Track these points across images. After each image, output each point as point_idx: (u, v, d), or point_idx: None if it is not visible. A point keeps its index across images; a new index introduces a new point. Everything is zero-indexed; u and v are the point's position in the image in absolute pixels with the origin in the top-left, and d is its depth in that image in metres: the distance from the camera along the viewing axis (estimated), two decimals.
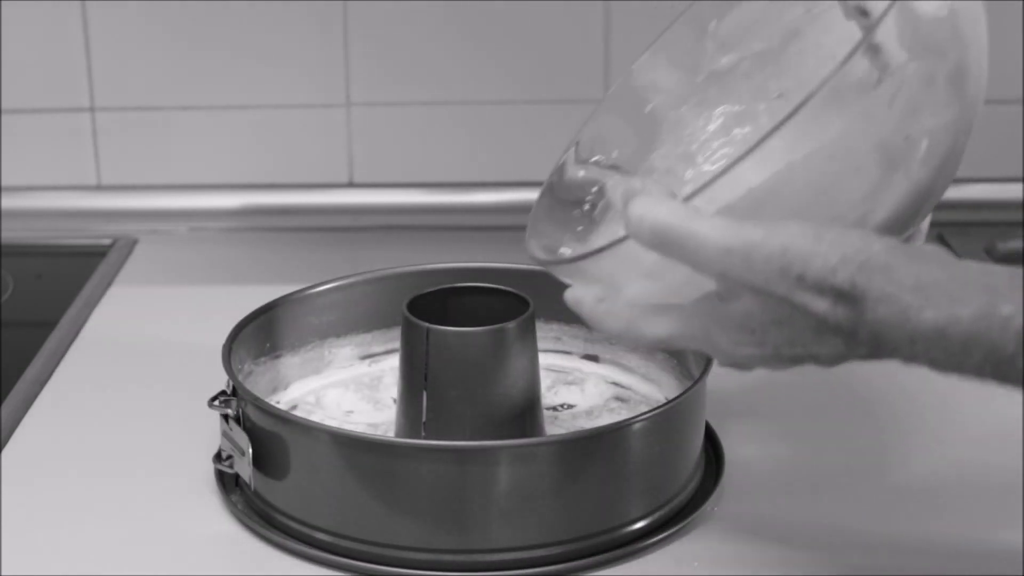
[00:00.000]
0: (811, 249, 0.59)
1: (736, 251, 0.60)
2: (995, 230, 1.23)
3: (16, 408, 0.92)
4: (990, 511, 0.80)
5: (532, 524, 0.73)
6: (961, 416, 0.89)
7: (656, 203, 0.61)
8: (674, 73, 0.81)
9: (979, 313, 0.56)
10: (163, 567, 0.75)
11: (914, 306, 0.57)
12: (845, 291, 0.58)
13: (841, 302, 0.58)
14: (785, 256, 0.59)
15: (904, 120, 0.63)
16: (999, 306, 0.55)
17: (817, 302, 0.59)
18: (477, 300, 0.84)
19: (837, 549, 0.77)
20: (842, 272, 0.58)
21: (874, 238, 0.59)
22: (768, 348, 0.62)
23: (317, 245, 1.24)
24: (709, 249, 0.60)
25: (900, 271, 0.58)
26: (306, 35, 1.24)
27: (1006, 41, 1.23)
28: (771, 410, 0.92)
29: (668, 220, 0.61)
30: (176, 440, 0.87)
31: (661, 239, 0.61)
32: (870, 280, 0.58)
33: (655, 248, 0.62)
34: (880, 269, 0.58)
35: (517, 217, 1.27)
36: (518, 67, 1.25)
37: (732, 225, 0.60)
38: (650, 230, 0.61)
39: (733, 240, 0.60)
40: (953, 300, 0.56)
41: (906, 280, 0.57)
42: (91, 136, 1.27)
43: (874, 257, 0.58)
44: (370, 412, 0.88)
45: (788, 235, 0.59)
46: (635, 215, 0.61)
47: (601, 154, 0.81)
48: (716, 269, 0.61)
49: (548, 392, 0.89)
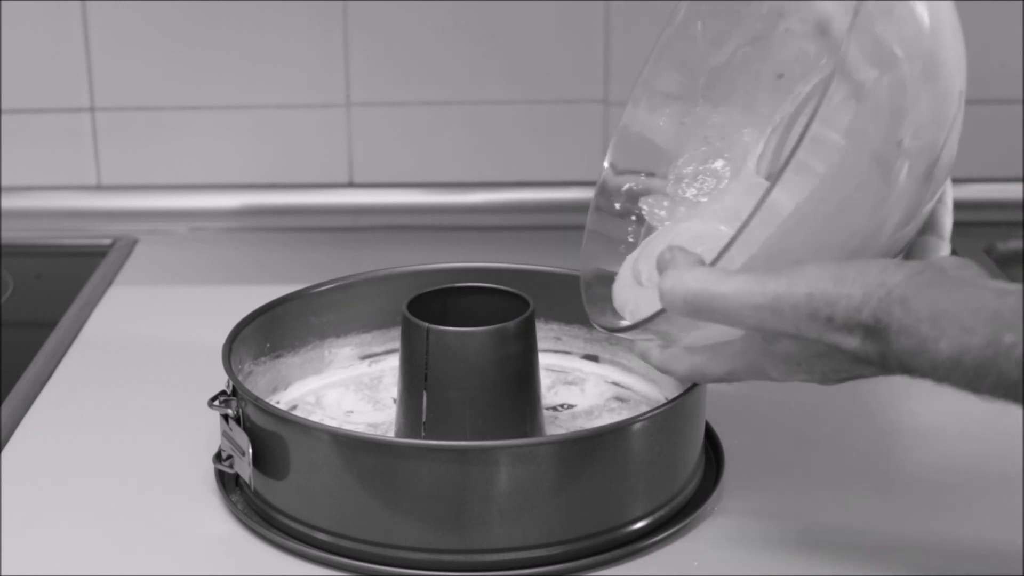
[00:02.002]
0: (835, 292, 0.62)
1: (764, 307, 0.63)
2: (995, 230, 1.23)
3: (16, 408, 0.92)
4: (990, 511, 0.80)
5: (532, 524, 0.73)
6: (961, 416, 0.89)
7: (683, 273, 0.65)
8: (676, 79, 0.83)
9: (986, 342, 0.58)
10: (163, 567, 0.75)
11: (931, 337, 0.59)
12: (871, 326, 0.61)
13: (869, 337, 0.62)
14: (811, 303, 0.62)
15: (892, 127, 0.65)
16: (1003, 335, 0.58)
17: (848, 340, 0.62)
18: (477, 300, 0.84)
19: (837, 549, 0.77)
20: (866, 310, 0.61)
21: (893, 268, 0.62)
22: (816, 375, 0.67)
23: (317, 245, 1.24)
24: (739, 309, 0.64)
25: (917, 301, 0.60)
26: (306, 35, 1.24)
27: (1006, 41, 1.23)
28: (771, 410, 0.92)
29: (696, 289, 0.65)
30: (176, 440, 0.87)
31: (693, 308, 0.65)
32: (890, 314, 0.61)
33: (690, 316, 0.66)
34: (899, 302, 0.60)
35: (517, 217, 1.29)
36: (518, 67, 1.25)
37: (757, 280, 0.64)
38: (682, 301, 0.65)
39: (759, 297, 0.63)
40: (964, 330, 0.59)
41: (922, 311, 0.60)
42: (91, 136, 1.27)
43: (894, 290, 0.61)
44: (370, 412, 0.88)
45: (810, 281, 0.63)
46: (666, 290, 0.65)
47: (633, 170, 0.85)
48: (750, 325, 0.65)
49: (548, 392, 0.89)
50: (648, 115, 0.84)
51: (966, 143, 1.24)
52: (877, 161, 0.65)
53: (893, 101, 0.65)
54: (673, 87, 0.83)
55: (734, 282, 0.64)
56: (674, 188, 0.84)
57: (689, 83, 0.83)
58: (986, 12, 1.22)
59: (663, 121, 0.84)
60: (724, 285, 0.64)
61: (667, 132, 0.84)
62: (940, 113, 0.66)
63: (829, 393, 0.92)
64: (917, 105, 0.65)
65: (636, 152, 0.85)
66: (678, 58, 0.83)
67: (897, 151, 0.65)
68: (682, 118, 0.84)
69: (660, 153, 0.85)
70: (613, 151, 0.84)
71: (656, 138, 0.84)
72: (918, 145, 0.65)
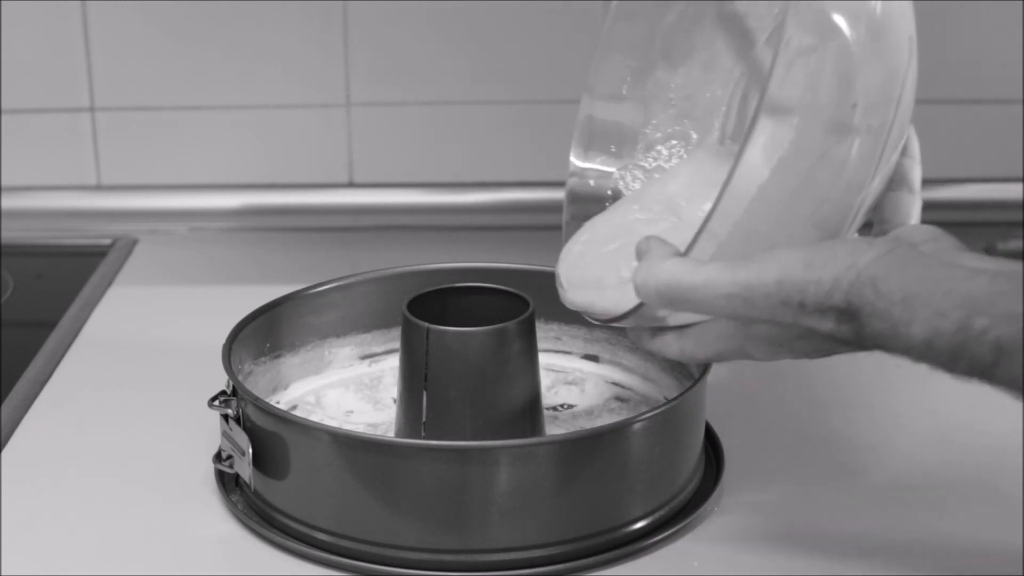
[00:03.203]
0: (805, 277, 0.62)
1: (736, 295, 0.63)
2: (995, 230, 1.23)
3: (16, 408, 0.92)
4: (990, 511, 0.80)
5: (532, 524, 0.73)
6: (961, 416, 0.89)
7: (655, 265, 0.66)
8: (633, 43, 0.83)
9: (957, 326, 0.58)
10: (163, 567, 0.75)
11: (903, 321, 0.59)
12: (843, 310, 0.61)
13: (843, 320, 0.62)
14: (782, 289, 0.62)
15: (843, 92, 0.64)
16: (974, 319, 0.57)
17: (823, 323, 0.62)
18: (477, 300, 0.84)
19: (837, 549, 0.77)
20: (837, 294, 0.61)
21: (863, 248, 0.62)
22: (800, 353, 0.68)
23: (317, 245, 1.24)
24: (711, 299, 0.64)
25: (888, 283, 0.60)
26: (306, 35, 1.24)
27: (1006, 41, 1.23)
28: (771, 410, 0.92)
29: (668, 281, 0.65)
30: (176, 440, 0.87)
31: (667, 299, 0.65)
32: (862, 297, 0.61)
33: (665, 307, 0.67)
34: (870, 284, 0.60)
35: (517, 217, 1.29)
36: (518, 67, 1.25)
37: (728, 269, 0.64)
38: (655, 293, 0.65)
39: (730, 286, 0.63)
40: (935, 313, 0.58)
41: (894, 294, 0.60)
42: (91, 136, 1.27)
43: (863, 272, 0.61)
44: (370, 412, 0.88)
45: (780, 267, 0.63)
46: (640, 283, 0.66)
47: (602, 147, 0.85)
48: (725, 314, 0.65)
49: (548, 392, 0.89)
50: (607, 102, 0.84)
51: (966, 143, 1.24)
52: (834, 128, 0.64)
53: (841, 67, 0.64)
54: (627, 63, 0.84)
55: (705, 272, 0.64)
56: (644, 156, 0.84)
57: (645, 49, 0.83)
58: (986, 12, 1.22)
59: (624, 103, 0.84)
60: (695, 276, 0.64)
61: (630, 111, 0.84)
62: (892, 66, 0.66)
63: (829, 393, 0.93)
64: (866, 66, 0.65)
65: (603, 141, 0.85)
66: (626, 37, 0.83)
67: (852, 113, 0.64)
68: (643, 86, 0.83)
69: (627, 133, 0.85)
70: (577, 146, 0.85)
71: (621, 119, 0.84)
72: (873, 102, 0.65)
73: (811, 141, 0.64)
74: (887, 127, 0.66)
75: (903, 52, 0.66)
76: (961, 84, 1.24)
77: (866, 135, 0.65)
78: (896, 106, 0.66)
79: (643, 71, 0.84)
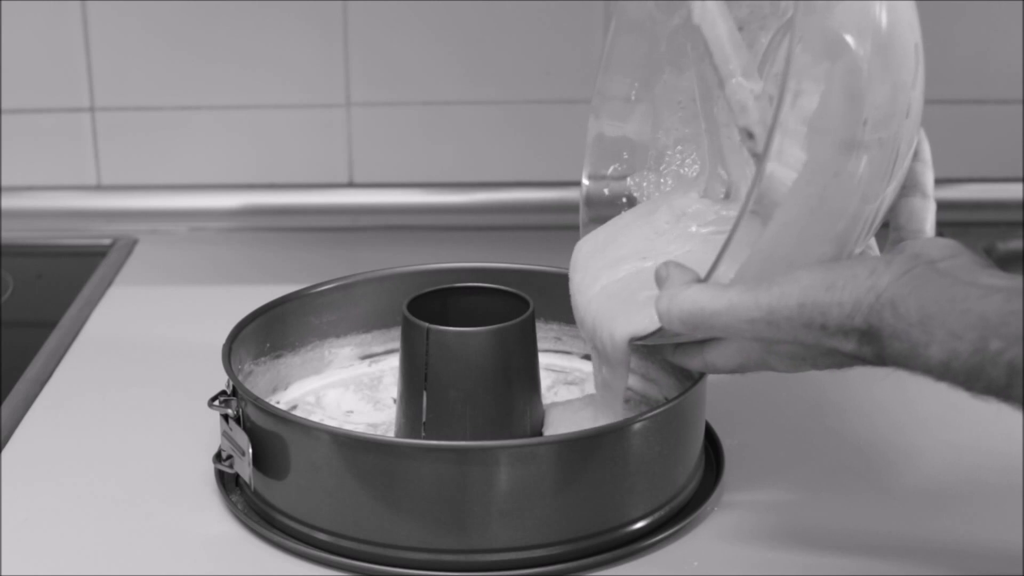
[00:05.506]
0: (826, 299, 0.63)
1: (758, 320, 0.64)
2: (995, 230, 1.23)
3: (16, 408, 0.92)
4: (990, 511, 0.80)
5: (532, 524, 0.73)
6: (961, 416, 0.88)
7: (677, 293, 0.66)
8: (640, 50, 0.84)
9: (973, 348, 0.58)
10: (163, 567, 0.75)
11: (921, 342, 0.60)
12: (864, 331, 0.62)
13: (864, 340, 0.62)
14: (804, 313, 0.63)
15: (854, 111, 0.65)
16: (989, 341, 0.58)
17: (845, 344, 0.63)
18: (477, 300, 0.84)
19: (837, 549, 0.77)
20: (858, 316, 0.62)
21: (882, 269, 0.62)
22: (822, 366, 0.69)
23: (317, 245, 1.24)
24: (735, 324, 0.65)
25: (906, 304, 0.61)
26: (306, 35, 1.24)
27: (1006, 41, 1.23)
28: (771, 410, 0.92)
29: (691, 308, 0.66)
30: (176, 440, 0.87)
31: (691, 326, 0.66)
32: (881, 319, 0.61)
33: (690, 333, 0.68)
34: (889, 306, 0.61)
35: (517, 217, 1.29)
36: (517, 67, 1.25)
37: (750, 294, 0.64)
38: (679, 321, 0.66)
39: (753, 311, 0.64)
40: (952, 335, 0.59)
41: (912, 315, 0.60)
42: (91, 136, 1.27)
43: (884, 294, 0.62)
44: (370, 412, 0.88)
45: (801, 290, 0.63)
46: (663, 310, 0.67)
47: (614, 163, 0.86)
48: (748, 337, 0.66)
49: (548, 392, 0.89)
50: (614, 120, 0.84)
51: (966, 143, 1.24)
52: (847, 146, 0.65)
53: (850, 86, 0.64)
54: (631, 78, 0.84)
55: (727, 297, 0.65)
56: (656, 161, 0.84)
57: (649, 59, 0.83)
58: (986, 12, 1.22)
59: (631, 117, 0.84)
60: (717, 302, 0.65)
61: (638, 124, 0.85)
62: (900, 78, 0.66)
63: (829, 393, 0.93)
64: (875, 83, 0.65)
65: (614, 156, 0.85)
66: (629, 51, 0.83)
67: (863, 130, 0.65)
68: (651, 92, 0.84)
69: (637, 145, 0.85)
70: (590, 163, 0.85)
71: (629, 134, 0.85)
72: (883, 116, 0.65)
73: (824, 161, 0.64)
74: (898, 137, 0.66)
75: (910, 62, 0.66)
76: (962, 84, 1.24)
77: (877, 149, 0.65)
78: (906, 116, 0.66)
79: (650, 78, 0.84)
